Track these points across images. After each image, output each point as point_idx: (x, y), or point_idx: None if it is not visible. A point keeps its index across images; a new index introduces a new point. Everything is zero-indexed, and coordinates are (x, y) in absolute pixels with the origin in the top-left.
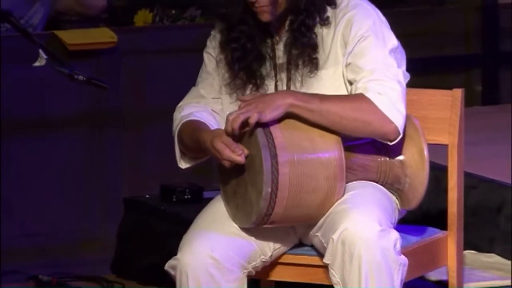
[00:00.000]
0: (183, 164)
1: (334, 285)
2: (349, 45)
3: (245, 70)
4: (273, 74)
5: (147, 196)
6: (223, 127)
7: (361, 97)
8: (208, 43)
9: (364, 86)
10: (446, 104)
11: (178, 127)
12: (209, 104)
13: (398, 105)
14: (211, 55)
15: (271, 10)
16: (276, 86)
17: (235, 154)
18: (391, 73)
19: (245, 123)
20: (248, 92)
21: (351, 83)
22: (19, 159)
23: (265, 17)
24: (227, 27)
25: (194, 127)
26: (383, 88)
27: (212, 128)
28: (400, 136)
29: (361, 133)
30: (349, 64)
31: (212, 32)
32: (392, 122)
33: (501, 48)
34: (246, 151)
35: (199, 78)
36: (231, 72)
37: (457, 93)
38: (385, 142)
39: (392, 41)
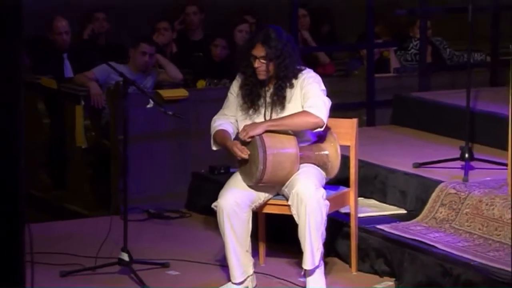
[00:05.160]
0: (214, 147)
1: (294, 216)
2: (303, 90)
3: (250, 102)
4: (264, 106)
5: (202, 171)
6: (236, 131)
7: (302, 111)
8: (231, 86)
9: (306, 106)
10: (349, 126)
11: (213, 132)
12: (229, 119)
13: (322, 110)
14: (233, 94)
15: (265, 74)
16: (265, 112)
17: (243, 154)
18: (320, 99)
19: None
20: (251, 112)
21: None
22: (139, 154)
23: (261, 77)
24: (244, 77)
25: (223, 136)
26: (314, 104)
27: (229, 131)
28: (325, 124)
29: (305, 127)
30: (303, 98)
31: (234, 81)
32: (318, 117)
33: (376, 99)
34: (249, 152)
35: (224, 104)
36: (242, 101)
37: (354, 120)
38: (320, 129)
39: (323, 86)
